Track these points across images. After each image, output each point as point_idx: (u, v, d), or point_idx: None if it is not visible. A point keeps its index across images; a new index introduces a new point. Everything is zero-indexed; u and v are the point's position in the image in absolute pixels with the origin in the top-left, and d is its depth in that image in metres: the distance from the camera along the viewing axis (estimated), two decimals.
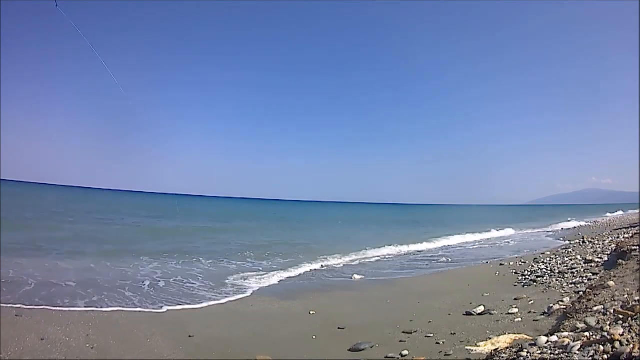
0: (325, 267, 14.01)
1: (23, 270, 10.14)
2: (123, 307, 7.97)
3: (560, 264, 10.99)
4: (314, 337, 6.41)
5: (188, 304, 8.55)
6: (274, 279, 11.59)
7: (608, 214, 47.47)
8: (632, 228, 18.78)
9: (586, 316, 4.43)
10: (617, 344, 3.01)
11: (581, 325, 4.04)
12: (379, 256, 17.07)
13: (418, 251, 19.09)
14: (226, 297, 9.35)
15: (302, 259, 15.12)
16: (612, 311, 4.17)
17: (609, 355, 2.92)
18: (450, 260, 15.97)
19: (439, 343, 5.58)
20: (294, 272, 12.70)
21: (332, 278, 12.24)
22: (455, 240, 23.82)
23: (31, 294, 8.28)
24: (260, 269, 13.14)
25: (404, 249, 19.28)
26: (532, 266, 11.60)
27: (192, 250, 16.44)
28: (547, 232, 28.61)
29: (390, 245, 19.52)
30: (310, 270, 13.29)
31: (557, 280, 9.04)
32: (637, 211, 41.16)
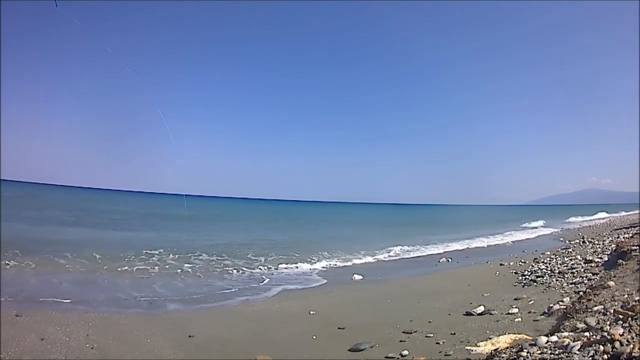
0: (327, 268, 14.01)
1: (25, 271, 10.15)
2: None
3: (560, 264, 10.99)
4: (314, 337, 6.40)
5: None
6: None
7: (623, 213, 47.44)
8: (632, 228, 18.78)
9: (586, 316, 4.42)
10: (617, 344, 3.01)
11: (581, 325, 4.04)
12: (379, 256, 17.07)
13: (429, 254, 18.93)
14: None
15: (303, 260, 15.12)
16: (612, 311, 4.17)
17: (609, 355, 2.92)
18: (450, 260, 15.98)
19: (439, 343, 5.57)
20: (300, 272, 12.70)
21: (332, 278, 12.24)
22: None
23: (32, 294, 8.28)
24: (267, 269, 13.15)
25: (407, 249, 19.28)
26: (532, 266, 11.60)
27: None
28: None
29: (391, 246, 19.54)
30: (312, 270, 13.30)
31: (557, 280, 9.04)
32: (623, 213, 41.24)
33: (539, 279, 9.57)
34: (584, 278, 8.53)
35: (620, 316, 3.71)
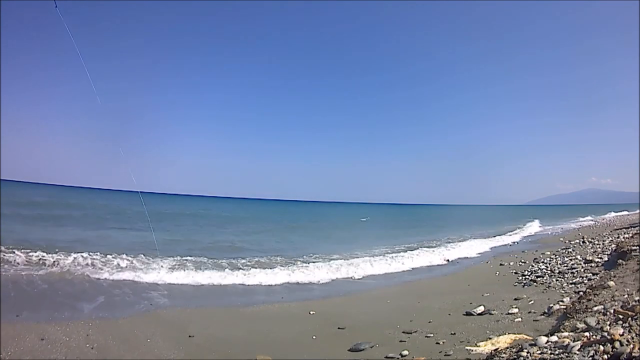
0: (328, 267, 13.99)
1: (25, 270, 10.13)
2: None
3: (560, 264, 10.99)
4: (314, 337, 6.40)
5: None
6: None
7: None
8: (632, 228, 18.77)
9: (586, 316, 4.42)
10: (617, 344, 3.01)
11: (581, 325, 4.04)
12: (382, 255, 17.05)
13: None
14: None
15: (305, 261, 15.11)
16: (612, 311, 4.17)
17: (609, 355, 2.92)
18: (449, 260, 15.97)
19: (439, 343, 5.58)
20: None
21: (332, 278, 12.24)
22: None
23: (34, 294, 8.28)
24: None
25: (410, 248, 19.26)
26: (532, 266, 11.60)
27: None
28: None
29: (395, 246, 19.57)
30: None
31: (557, 280, 9.04)
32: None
33: (539, 279, 9.57)
34: (584, 278, 8.53)
35: (620, 316, 3.71)
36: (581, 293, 6.41)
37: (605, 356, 2.93)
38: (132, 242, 16.49)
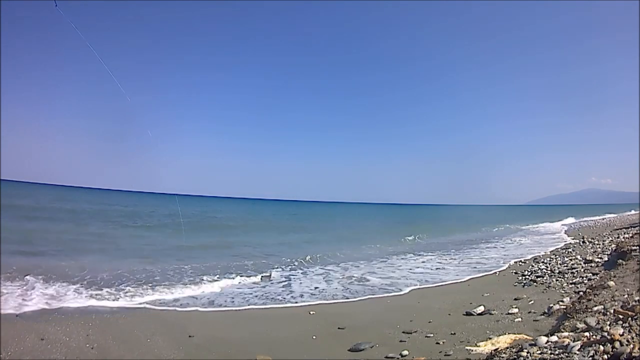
0: (331, 268, 13.99)
1: (25, 270, 10.13)
2: None
3: (560, 264, 10.99)
4: (314, 337, 6.40)
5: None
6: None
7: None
8: (632, 228, 18.77)
9: (586, 316, 4.42)
10: (617, 344, 3.01)
11: (581, 325, 4.04)
12: (385, 257, 17.05)
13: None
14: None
15: (309, 262, 15.12)
16: (612, 311, 4.17)
17: (609, 355, 2.92)
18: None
19: (439, 343, 5.57)
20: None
21: (332, 278, 12.23)
22: None
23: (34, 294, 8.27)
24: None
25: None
26: (532, 266, 11.60)
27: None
28: None
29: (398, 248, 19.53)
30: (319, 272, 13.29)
31: (557, 280, 9.05)
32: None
33: (539, 279, 9.58)
34: (584, 278, 8.54)
35: (620, 316, 3.71)
36: (581, 293, 6.41)
37: (605, 356, 2.93)
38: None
